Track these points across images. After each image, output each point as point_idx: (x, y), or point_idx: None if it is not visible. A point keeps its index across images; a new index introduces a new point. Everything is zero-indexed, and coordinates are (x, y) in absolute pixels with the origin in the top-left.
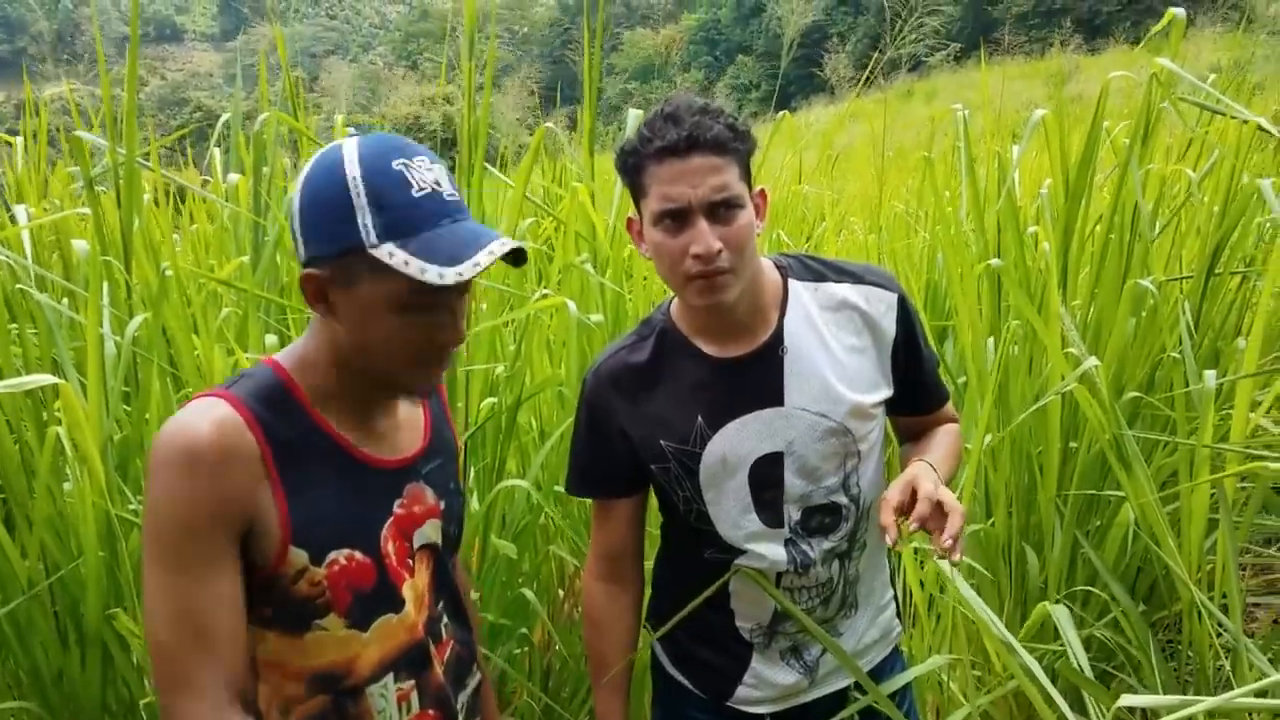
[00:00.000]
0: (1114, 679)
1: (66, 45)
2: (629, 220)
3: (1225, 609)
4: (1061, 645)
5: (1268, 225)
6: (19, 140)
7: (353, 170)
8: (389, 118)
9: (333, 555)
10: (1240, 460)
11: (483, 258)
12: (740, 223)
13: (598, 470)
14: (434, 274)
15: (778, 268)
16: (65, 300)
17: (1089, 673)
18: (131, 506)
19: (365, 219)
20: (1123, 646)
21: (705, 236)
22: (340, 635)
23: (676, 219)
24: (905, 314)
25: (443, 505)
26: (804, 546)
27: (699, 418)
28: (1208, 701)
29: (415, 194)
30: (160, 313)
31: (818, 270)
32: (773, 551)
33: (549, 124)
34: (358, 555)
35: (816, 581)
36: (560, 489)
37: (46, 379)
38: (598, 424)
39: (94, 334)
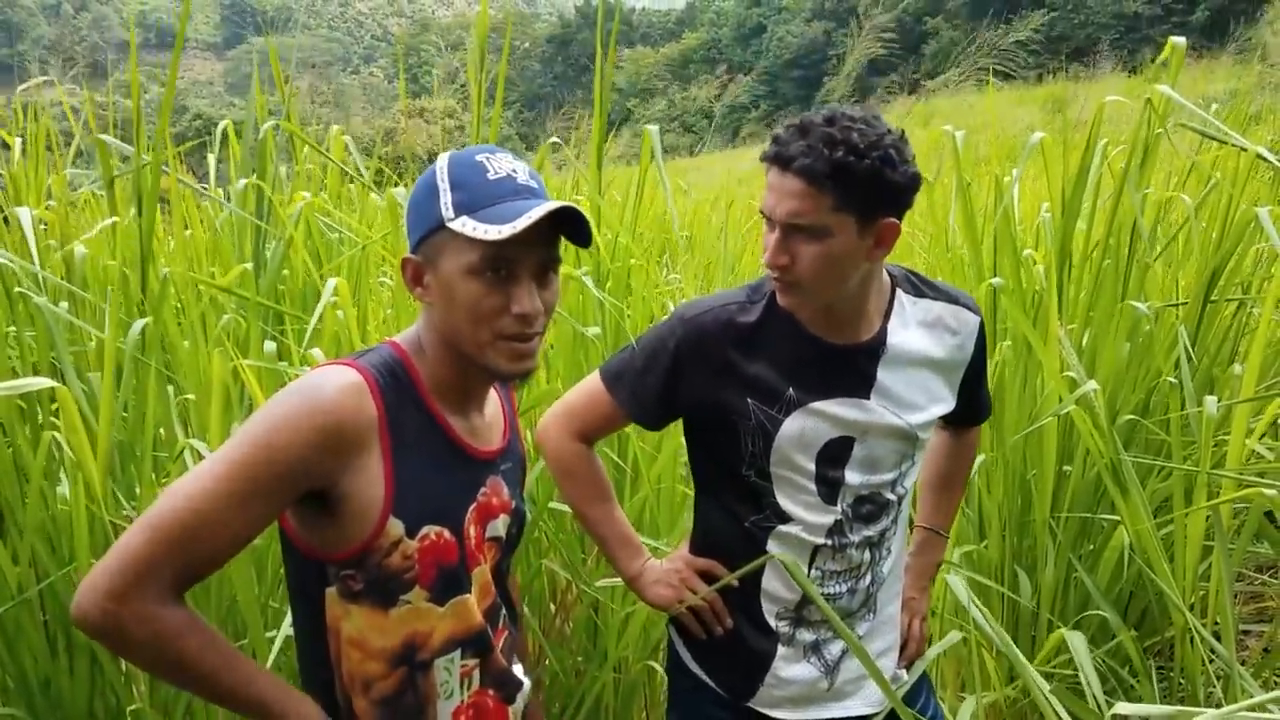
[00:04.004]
0: (1105, 704)
1: (65, 51)
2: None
3: (1218, 635)
4: (1053, 668)
5: (1264, 252)
6: (18, 142)
7: (442, 162)
8: (387, 129)
9: (425, 530)
10: (1236, 486)
11: (521, 222)
12: (815, 250)
13: (649, 401)
14: (493, 231)
15: (890, 276)
16: (65, 304)
17: (1101, 697)
18: (125, 512)
19: (445, 198)
20: (1114, 670)
21: (774, 248)
22: (421, 608)
23: (769, 221)
24: (982, 338)
25: (513, 505)
26: (846, 527)
27: (790, 389)
28: (1208, 714)
29: (490, 177)
30: (161, 318)
31: (919, 286)
32: (819, 520)
33: (554, 139)
34: (445, 533)
35: (849, 565)
36: (555, 505)
37: (43, 382)
38: (678, 369)
39: (111, 346)
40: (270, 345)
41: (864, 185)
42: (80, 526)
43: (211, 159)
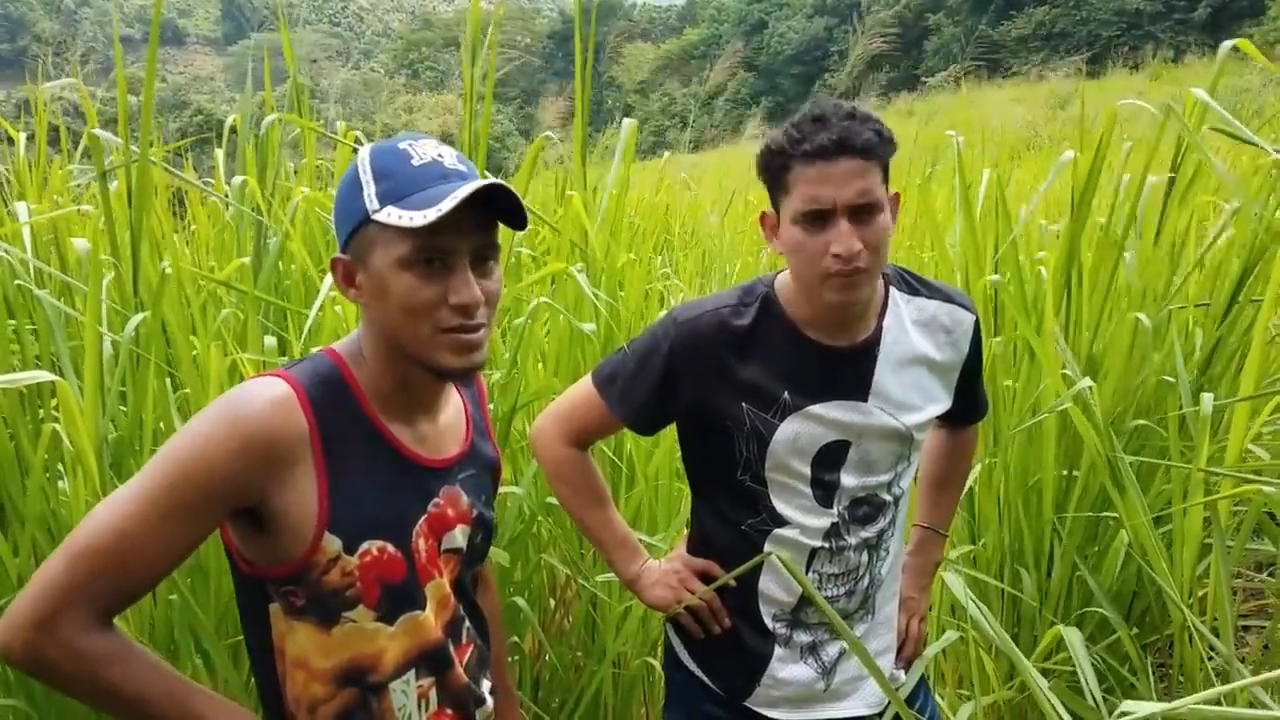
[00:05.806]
0: (1105, 701)
1: (68, 46)
2: (763, 215)
3: (1216, 632)
4: (1052, 665)
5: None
6: (21, 137)
7: (363, 154)
8: (389, 126)
9: (365, 545)
10: (1234, 485)
11: (448, 203)
12: (879, 225)
13: (642, 405)
14: (418, 217)
15: (883, 274)
16: (62, 298)
17: (1098, 695)
18: None
19: (369, 190)
20: (1114, 668)
21: (847, 237)
22: (368, 628)
23: (820, 219)
24: (977, 336)
25: (474, 514)
26: (843, 530)
27: (785, 393)
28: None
29: (415, 163)
30: (159, 311)
31: (912, 284)
32: (816, 524)
33: (548, 133)
34: (389, 548)
35: (846, 567)
36: (553, 501)
37: (43, 375)
38: (671, 372)
39: (92, 331)
40: (271, 340)
41: (889, 156)
42: (80, 519)
43: (219, 154)
